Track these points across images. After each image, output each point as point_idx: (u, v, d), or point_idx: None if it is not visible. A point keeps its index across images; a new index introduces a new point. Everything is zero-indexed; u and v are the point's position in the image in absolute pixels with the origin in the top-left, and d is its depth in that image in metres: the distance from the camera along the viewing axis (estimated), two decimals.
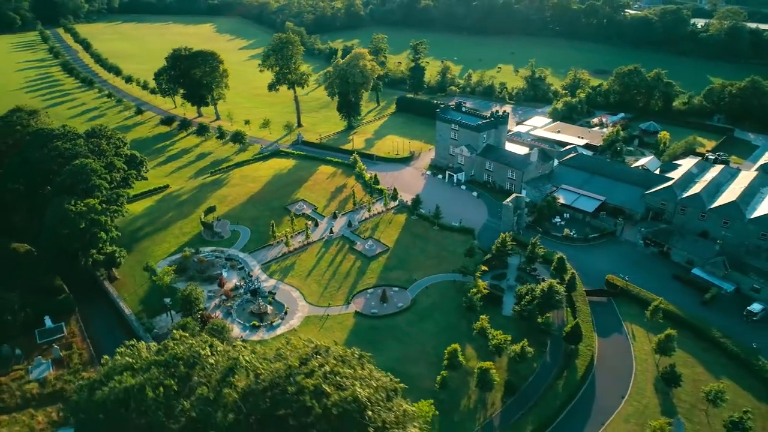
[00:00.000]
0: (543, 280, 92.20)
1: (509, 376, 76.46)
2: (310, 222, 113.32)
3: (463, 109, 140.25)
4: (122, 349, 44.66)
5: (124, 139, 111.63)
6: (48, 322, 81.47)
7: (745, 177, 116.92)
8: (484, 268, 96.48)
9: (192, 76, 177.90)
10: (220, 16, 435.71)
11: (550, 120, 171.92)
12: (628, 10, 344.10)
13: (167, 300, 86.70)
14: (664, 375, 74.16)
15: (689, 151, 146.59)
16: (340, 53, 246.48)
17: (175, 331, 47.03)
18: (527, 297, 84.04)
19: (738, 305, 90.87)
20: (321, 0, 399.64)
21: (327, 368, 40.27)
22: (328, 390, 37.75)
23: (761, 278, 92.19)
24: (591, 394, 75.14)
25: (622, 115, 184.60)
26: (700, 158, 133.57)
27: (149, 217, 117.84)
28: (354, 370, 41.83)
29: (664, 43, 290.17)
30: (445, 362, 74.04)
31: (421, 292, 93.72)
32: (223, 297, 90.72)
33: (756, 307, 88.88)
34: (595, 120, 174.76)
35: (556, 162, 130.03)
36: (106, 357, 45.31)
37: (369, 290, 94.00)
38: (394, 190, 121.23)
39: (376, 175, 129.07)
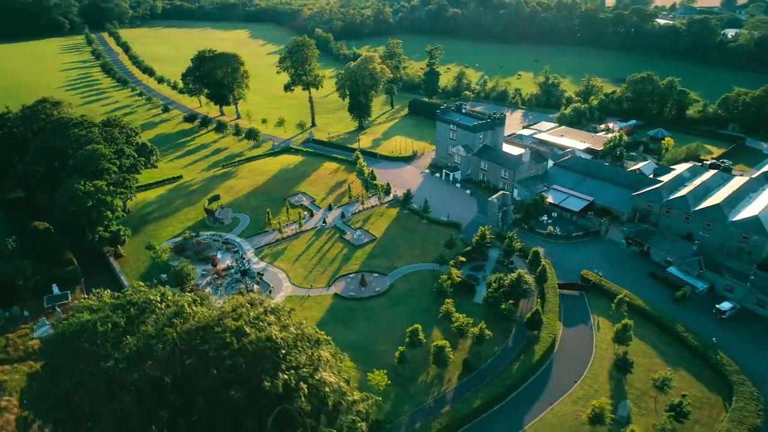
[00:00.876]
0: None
1: (469, 356, 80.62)
2: (305, 212, 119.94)
3: (463, 111, 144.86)
4: (89, 295, 51.87)
5: (136, 129, 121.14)
6: (55, 289, 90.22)
7: (737, 182, 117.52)
8: (462, 258, 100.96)
9: (214, 76, 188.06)
10: (255, 22, 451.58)
11: (557, 125, 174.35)
12: (658, 20, 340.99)
13: (163, 276, 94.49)
14: (617, 362, 77.20)
15: (691, 157, 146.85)
16: None
17: (133, 281, 53.95)
18: (494, 285, 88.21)
19: (710, 304, 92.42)
20: (351, 8, 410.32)
21: (253, 314, 46.31)
22: (248, 330, 43.72)
23: (735, 278, 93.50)
24: (546, 377, 78.59)
25: (633, 122, 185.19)
26: (695, 163, 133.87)
27: (159, 204, 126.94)
28: (279, 319, 47.68)
29: (691, 52, 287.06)
30: (407, 340, 78.87)
31: (400, 279, 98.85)
32: (215, 275, 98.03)
33: (725, 305, 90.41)
34: (602, 126, 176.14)
35: (551, 163, 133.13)
36: (75, 302, 52.55)
37: (351, 275, 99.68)
38: (387, 184, 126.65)
39: (372, 171, 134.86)
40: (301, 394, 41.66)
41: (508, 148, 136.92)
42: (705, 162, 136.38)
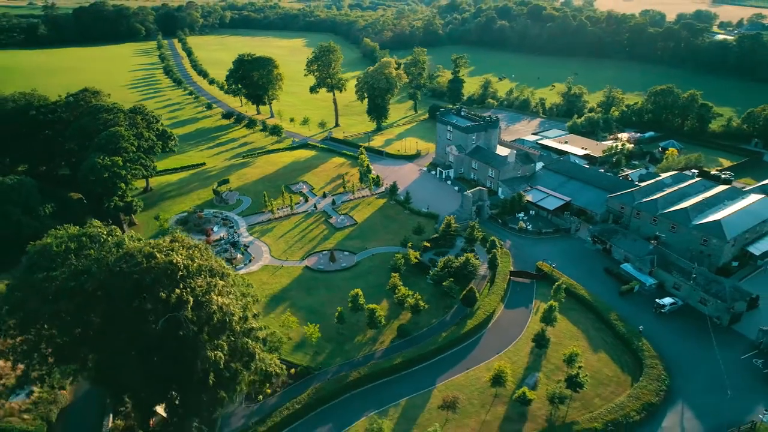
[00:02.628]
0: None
1: (406, 324, 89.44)
2: (301, 198, 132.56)
3: (462, 113, 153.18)
4: (57, 228, 65.87)
5: (157, 117, 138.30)
6: None
7: (716, 189, 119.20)
8: (426, 243, 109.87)
9: (252, 78, 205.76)
10: (314, 32, 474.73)
11: (566, 132, 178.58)
12: (719, 36, 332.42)
13: None
14: (535, 338, 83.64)
15: (691, 167, 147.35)
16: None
17: (93, 220, 67.60)
18: (440, 265, 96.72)
19: (656, 299, 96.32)
20: (404, 19, 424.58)
21: (167, 246, 58.36)
22: (157, 255, 55.70)
23: (682, 277, 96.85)
24: (472, 347, 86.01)
25: (650, 133, 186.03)
26: (684, 171, 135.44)
27: (179, 185, 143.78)
28: (191, 252, 59.43)
29: (740, 68, 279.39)
30: (349, 304, 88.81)
31: (367, 258, 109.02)
32: (206, 244, 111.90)
33: (666, 300, 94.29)
34: (611, 136, 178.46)
35: (540, 165, 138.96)
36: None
37: (323, 252, 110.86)
38: (377, 176, 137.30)
39: (368, 165, 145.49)
40: (188, 306, 53.12)
41: (501, 150, 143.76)
42: (694, 171, 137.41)
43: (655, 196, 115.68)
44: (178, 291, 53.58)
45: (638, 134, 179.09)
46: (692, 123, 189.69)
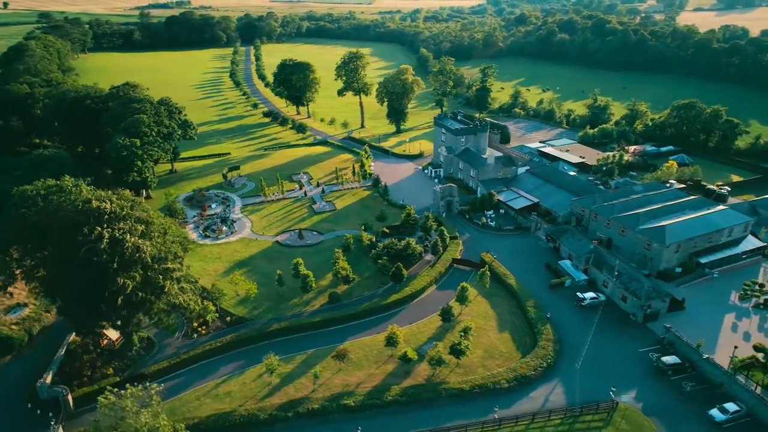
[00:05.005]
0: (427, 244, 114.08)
1: (339, 293, 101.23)
2: (296, 185, 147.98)
3: (459, 118, 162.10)
4: (37, 182, 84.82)
5: (180, 108, 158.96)
6: None
7: (684, 199, 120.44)
8: (385, 229, 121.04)
9: (291, 81, 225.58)
10: (382, 42, 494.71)
11: (574, 142, 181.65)
12: None
13: (167, 211, 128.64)
14: (441, 313, 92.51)
15: (685, 180, 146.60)
16: None
17: (66, 176, 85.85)
18: (380, 246, 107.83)
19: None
20: (465, 30, 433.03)
21: (105, 196, 74.94)
22: (92, 201, 72.22)
23: (610, 275, 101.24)
24: (391, 317, 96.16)
25: (669, 147, 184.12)
26: (663, 181, 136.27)
27: (200, 169, 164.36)
28: (124, 202, 75.53)
29: None
30: (292, 271, 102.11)
31: (332, 238, 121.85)
32: (200, 217, 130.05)
33: (587, 295, 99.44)
34: (618, 147, 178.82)
35: (523, 169, 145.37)
36: None
37: (295, 230, 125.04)
38: (365, 170, 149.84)
39: (363, 161, 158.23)
40: (104, 240, 68.90)
41: (489, 153, 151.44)
42: (672, 182, 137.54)
43: (613, 202, 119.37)
44: (99, 229, 69.64)
45: (646, 147, 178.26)
46: (716, 139, 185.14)
